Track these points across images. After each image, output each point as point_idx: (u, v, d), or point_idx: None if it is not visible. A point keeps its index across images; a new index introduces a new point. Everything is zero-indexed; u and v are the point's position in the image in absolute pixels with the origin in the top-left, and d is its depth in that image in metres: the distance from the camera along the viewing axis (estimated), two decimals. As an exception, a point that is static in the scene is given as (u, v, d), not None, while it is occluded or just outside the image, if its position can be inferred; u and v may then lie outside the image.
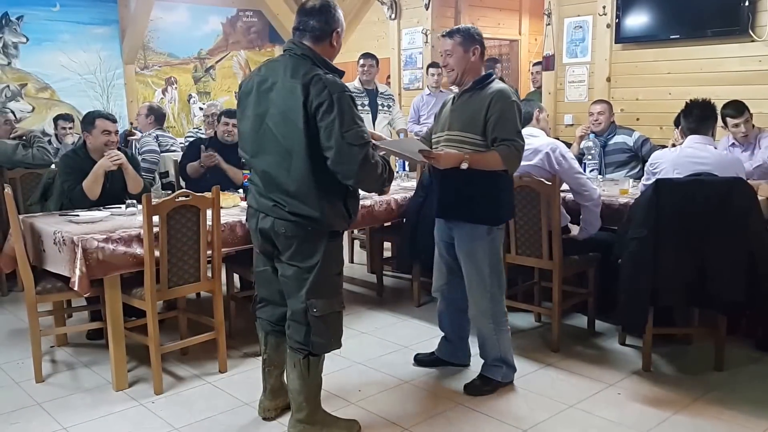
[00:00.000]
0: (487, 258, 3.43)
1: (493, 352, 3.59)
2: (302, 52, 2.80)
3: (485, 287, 3.47)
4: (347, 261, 6.21)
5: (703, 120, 3.86)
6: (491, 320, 3.51)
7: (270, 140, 2.81)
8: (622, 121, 5.82)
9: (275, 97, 2.79)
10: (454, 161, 3.23)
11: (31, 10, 8.21)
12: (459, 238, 3.49)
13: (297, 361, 2.99)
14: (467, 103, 3.39)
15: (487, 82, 3.38)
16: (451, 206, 3.46)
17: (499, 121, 3.26)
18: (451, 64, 3.39)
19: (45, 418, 3.39)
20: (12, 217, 3.70)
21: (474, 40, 3.38)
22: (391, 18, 8.64)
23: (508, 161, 3.26)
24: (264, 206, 2.90)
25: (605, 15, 6.26)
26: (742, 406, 3.37)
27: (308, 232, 2.83)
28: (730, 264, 3.48)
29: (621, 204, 4.22)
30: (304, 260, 2.87)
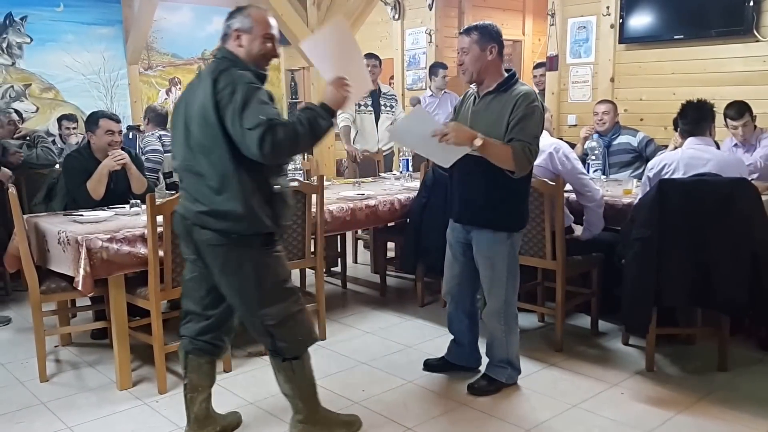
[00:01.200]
0: (506, 263, 3.42)
1: (500, 353, 3.58)
2: (222, 55, 2.81)
3: (502, 290, 3.46)
4: (351, 261, 6.21)
5: (698, 121, 3.86)
6: (503, 321, 3.50)
7: (194, 143, 2.72)
8: (626, 121, 5.82)
9: (193, 99, 2.73)
10: (468, 136, 3.11)
11: (35, 11, 8.24)
12: (478, 243, 3.46)
13: (278, 365, 2.93)
14: (491, 104, 3.32)
15: (511, 83, 3.32)
16: (472, 212, 3.42)
17: (519, 123, 3.20)
18: (466, 63, 3.32)
19: (49, 417, 3.40)
20: (16, 217, 3.71)
21: (491, 38, 3.30)
22: (394, 18, 8.64)
23: (518, 160, 3.17)
24: (190, 213, 2.79)
25: (609, 15, 6.26)
26: (745, 406, 3.37)
27: (232, 239, 2.73)
28: (734, 264, 3.48)
29: (625, 204, 4.22)
30: (236, 271, 2.78)
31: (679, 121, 3.95)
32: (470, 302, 3.69)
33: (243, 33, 2.80)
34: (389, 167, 6.63)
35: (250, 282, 2.79)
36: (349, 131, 6.46)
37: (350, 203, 4.59)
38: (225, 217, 2.71)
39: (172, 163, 2.97)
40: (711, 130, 3.93)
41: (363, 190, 4.97)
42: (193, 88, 2.77)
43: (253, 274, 2.79)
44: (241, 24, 2.81)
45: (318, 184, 4.20)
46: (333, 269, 5.95)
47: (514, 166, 3.19)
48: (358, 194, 4.79)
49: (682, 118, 3.92)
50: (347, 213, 4.54)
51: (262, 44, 2.82)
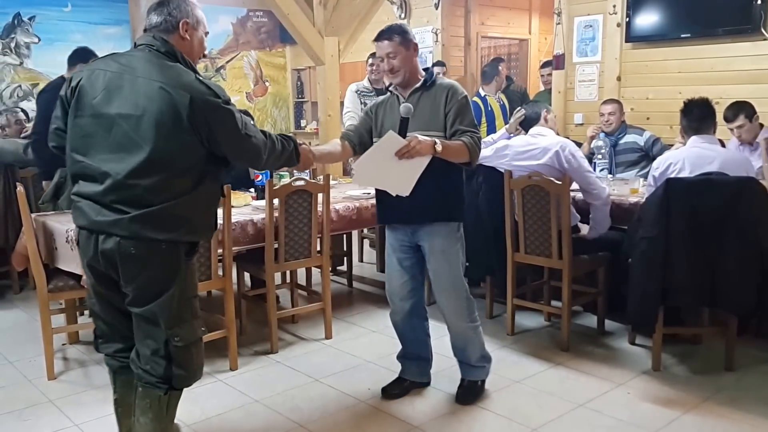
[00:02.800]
0: (459, 255, 3.37)
1: (475, 352, 3.52)
2: (166, 49, 2.55)
3: (462, 285, 3.39)
4: (356, 260, 6.22)
5: (703, 119, 3.85)
6: (468, 319, 3.43)
7: (126, 143, 2.43)
8: (633, 120, 5.80)
9: (136, 97, 2.44)
10: (428, 147, 3.01)
11: (43, 11, 8.27)
12: (431, 239, 3.32)
13: (155, 400, 2.61)
14: (420, 101, 3.28)
15: (433, 79, 3.32)
16: (424, 208, 3.28)
17: (458, 115, 3.21)
18: (397, 66, 3.24)
19: (57, 414, 3.42)
20: (24, 216, 3.72)
21: (411, 38, 3.29)
22: (400, 18, 8.63)
23: (473, 151, 3.18)
24: (104, 223, 2.45)
25: (615, 14, 6.25)
26: (752, 406, 3.36)
27: (162, 250, 2.49)
28: (741, 264, 3.47)
29: (631, 203, 4.22)
30: (159, 285, 2.51)
31: (683, 119, 3.94)
32: (422, 307, 3.56)
33: (190, 28, 2.62)
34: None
35: (168, 296, 2.53)
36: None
37: (356, 202, 4.60)
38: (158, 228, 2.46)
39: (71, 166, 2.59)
40: (714, 128, 3.91)
41: (369, 189, 4.96)
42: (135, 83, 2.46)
43: (175, 287, 2.55)
44: (189, 17, 2.61)
45: (324, 183, 4.21)
46: (339, 268, 5.96)
47: (470, 158, 3.20)
48: (364, 193, 4.79)
49: (685, 116, 3.91)
50: (353, 212, 4.55)
51: (202, 43, 2.70)
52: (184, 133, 2.44)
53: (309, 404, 3.48)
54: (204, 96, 2.46)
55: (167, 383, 2.59)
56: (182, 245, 2.56)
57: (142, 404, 2.63)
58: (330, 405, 3.46)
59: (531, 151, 4.18)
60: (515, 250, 4.25)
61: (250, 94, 10.59)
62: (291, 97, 11.02)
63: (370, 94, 6.51)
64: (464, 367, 3.57)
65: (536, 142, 4.21)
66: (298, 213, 4.11)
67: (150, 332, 2.56)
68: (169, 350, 2.56)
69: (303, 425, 3.26)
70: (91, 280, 2.63)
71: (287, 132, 10.86)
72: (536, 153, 4.16)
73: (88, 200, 2.49)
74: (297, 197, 4.08)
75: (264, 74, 10.72)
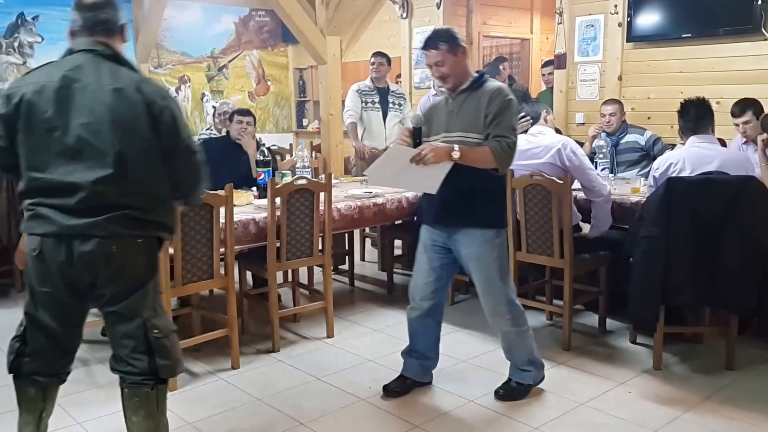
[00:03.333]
0: (497, 262, 3.34)
1: (520, 356, 3.51)
2: (110, 52, 2.53)
3: (499, 291, 3.37)
4: (358, 259, 6.23)
5: (701, 118, 3.85)
6: (511, 323, 3.41)
7: (89, 151, 2.40)
8: (634, 119, 5.81)
9: (91, 104, 2.41)
10: (444, 154, 3.07)
11: (46, 10, 8.28)
12: (466, 245, 3.32)
13: (143, 397, 2.59)
14: (465, 102, 3.29)
15: (482, 80, 3.31)
16: (456, 213, 3.31)
17: (495, 119, 3.18)
18: (446, 72, 3.26)
19: (59, 413, 3.40)
20: (28, 215, 3.73)
21: (457, 41, 3.28)
22: (402, 17, 8.65)
23: (499, 158, 3.13)
24: (79, 227, 2.40)
25: (617, 14, 6.25)
26: (753, 405, 3.37)
27: (141, 245, 2.51)
28: (742, 263, 3.48)
29: (632, 202, 4.22)
30: (138, 280, 2.53)
31: (681, 119, 3.93)
32: (441, 311, 3.58)
33: (125, 28, 2.65)
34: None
35: (147, 289, 2.56)
36: (355, 128, 6.49)
37: (358, 201, 4.61)
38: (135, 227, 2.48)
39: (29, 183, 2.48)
40: (713, 127, 3.92)
41: (371, 188, 4.98)
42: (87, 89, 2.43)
43: (152, 280, 2.59)
44: (122, 18, 2.62)
45: (326, 182, 4.22)
46: (340, 267, 5.97)
47: (496, 164, 3.16)
48: (366, 192, 4.81)
49: (682, 116, 3.90)
50: (355, 211, 4.55)
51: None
52: (144, 133, 2.45)
53: (310, 402, 3.49)
54: (156, 97, 2.48)
55: (152, 377, 2.58)
56: (156, 240, 2.59)
57: (132, 404, 2.62)
58: (331, 403, 3.48)
59: (532, 150, 4.19)
60: (517, 249, 4.26)
61: (252, 94, 10.60)
62: (293, 96, 11.04)
63: (371, 93, 6.53)
64: (512, 367, 3.58)
65: (537, 141, 4.22)
66: (300, 212, 4.12)
67: (127, 330, 2.55)
68: (149, 343, 2.55)
69: (304, 423, 3.27)
70: (53, 289, 2.51)
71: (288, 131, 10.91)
72: (538, 152, 4.17)
73: (53, 209, 2.42)
74: (299, 196, 4.09)
75: (266, 73, 10.73)
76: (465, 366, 3.91)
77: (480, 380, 3.72)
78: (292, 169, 5.23)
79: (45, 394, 2.72)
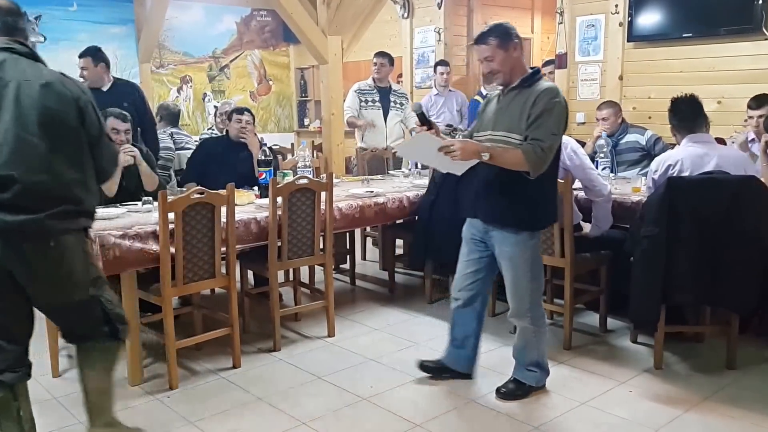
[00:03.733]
0: (529, 263, 3.35)
1: (531, 355, 3.52)
2: (28, 50, 2.64)
3: (526, 292, 3.39)
4: (359, 258, 6.23)
5: (696, 117, 3.86)
6: (530, 322, 3.43)
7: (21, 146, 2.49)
8: (634, 119, 5.81)
9: (21, 98, 2.49)
10: (473, 152, 3.12)
11: (48, 10, 8.30)
12: (500, 243, 3.36)
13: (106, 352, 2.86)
14: (514, 100, 3.28)
15: (535, 79, 3.28)
16: (491, 211, 3.36)
17: (536, 120, 3.16)
18: (496, 68, 3.25)
19: (62, 412, 3.44)
20: (30, 214, 3.74)
21: (510, 36, 3.25)
22: (403, 17, 8.66)
23: (531, 161, 3.11)
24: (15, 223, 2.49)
25: (617, 14, 6.26)
26: (753, 404, 3.37)
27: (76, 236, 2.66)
28: (743, 262, 3.49)
29: (633, 202, 4.22)
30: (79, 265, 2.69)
31: (674, 118, 3.91)
32: (481, 303, 3.62)
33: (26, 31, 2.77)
34: (398, 165, 6.65)
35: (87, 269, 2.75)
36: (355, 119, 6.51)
37: (359, 200, 4.61)
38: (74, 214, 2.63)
39: None
40: (707, 125, 3.91)
41: (372, 188, 4.99)
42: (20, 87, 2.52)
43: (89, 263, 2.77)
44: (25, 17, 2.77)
45: (327, 181, 4.23)
46: (342, 266, 5.98)
47: (527, 168, 3.15)
48: (367, 192, 4.81)
49: (676, 115, 3.89)
50: (356, 210, 4.56)
51: None
52: (74, 124, 2.59)
53: (311, 401, 3.50)
54: (80, 92, 2.63)
55: (114, 332, 2.84)
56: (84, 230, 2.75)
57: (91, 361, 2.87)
58: (332, 402, 3.48)
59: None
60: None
61: (254, 93, 10.62)
62: (294, 95, 11.05)
63: (371, 92, 6.56)
64: (516, 366, 3.59)
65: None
66: (301, 211, 4.13)
67: (83, 313, 2.77)
68: (106, 314, 2.80)
69: (305, 422, 3.28)
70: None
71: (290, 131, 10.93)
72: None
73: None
74: (300, 195, 4.10)
75: (267, 73, 10.75)
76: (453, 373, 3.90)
77: (481, 379, 3.72)
78: (294, 168, 5.24)
79: (14, 392, 2.79)
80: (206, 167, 4.96)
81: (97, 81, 5.26)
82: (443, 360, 3.75)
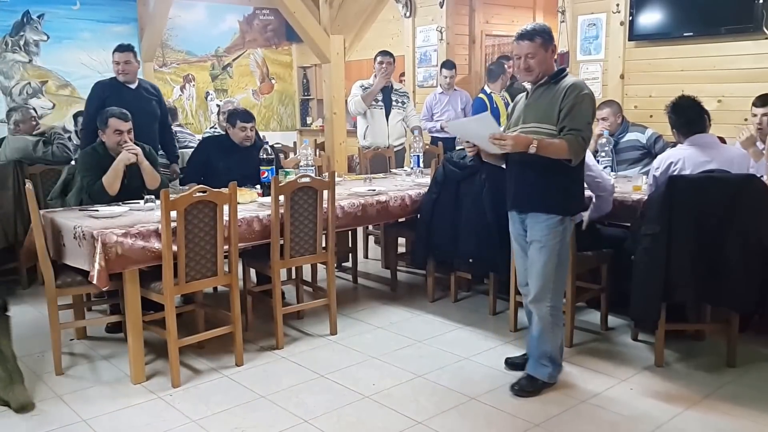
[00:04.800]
0: (556, 249, 3.43)
1: (544, 347, 3.55)
2: None
3: (549, 277, 3.46)
4: (361, 256, 6.25)
5: (698, 118, 3.87)
6: (550, 311, 3.50)
7: None
8: (635, 118, 5.82)
9: None
10: (523, 145, 3.25)
11: (52, 9, 8.32)
12: (531, 226, 3.49)
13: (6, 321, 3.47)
14: (542, 96, 3.42)
15: (561, 75, 3.42)
16: (525, 197, 3.48)
17: (570, 112, 3.29)
18: (533, 66, 3.39)
19: (64, 409, 3.46)
20: (33, 212, 3.76)
21: (551, 38, 3.42)
22: (405, 16, 8.67)
23: (573, 151, 3.26)
24: None
25: (619, 13, 6.26)
26: (753, 402, 3.38)
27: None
28: (744, 261, 3.49)
29: (634, 200, 4.23)
30: None
31: (675, 120, 3.93)
32: None
33: None
34: (400, 163, 6.67)
35: None
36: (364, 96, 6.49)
37: (361, 199, 4.63)
38: None
39: None
40: (708, 124, 3.93)
41: (374, 186, 5.00)
42: None
43: None
44: None
45: (329, 180, 4.24)
46: (344, 264, 5.99)
47: (570, 156, 3.28)
48: (369, 190, 4.82)
49: (678, 117, 3.91)
50: (358, 209, 4.57)
51: None
52: None
53: (314, 399, 3.51)
54: None
55: None
56: None
57: None
58: (335, 400, 3.49)
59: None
60: (519, 247, 4.27)
61: (257, 92, 10.64)
62: (297, 94, 11.07)
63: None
64: (530, 361, 3.63)
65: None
66: (304, 210, 4.14)
67: None
68: None
69: (307, 420, 3.29)
70: None
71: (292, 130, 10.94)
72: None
73: None
74: (302, 194, 4.11)
75: (270, 72, 10.76)
76: (467, 363, 3.93)
77: (482, 377, 3.74)
78: (296, 167, 5.25)
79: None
80: (208, 166, 4.96)
81: (133, 77, 5.42)
82: (528, 352, 3.77)
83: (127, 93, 5.33)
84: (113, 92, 5.27)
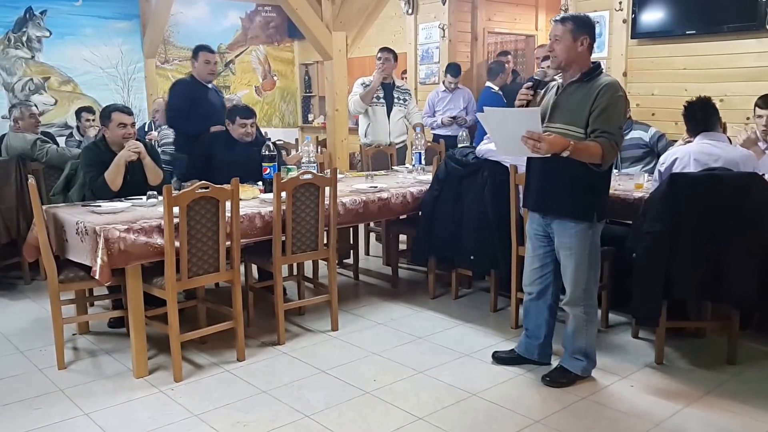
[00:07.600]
0: (587, 253, 3.41)
1: (578, 343, 3.57)
2: None
3: (583, 279, 3.45)
4: (363, 253, 6.26)
5: (708, 118, 3.88)
6: (583, 311, 3.51)
7: None
8: (638, 116, 5.82)
9: None
10: (559, 147, 3.12)
11: (54, 5, 8.34)
12: (560, 234, 3.45)
13: None
14: (573, 94, 3.32)
15: (595, 74, 3.31)
16: (552, 202, 3.42)
17: (602, 114, 3.19)
18: (557, 51, 3.30)
19: (67, 404, 3.47)
20: (35, 208, 3.77)
21: (585, 30, 3.29)
22: (408, 13, 8.67)
23: (607, 155, 3.19)
24: None
25: (621, 10, 6.27)
26: (754, 399, 3.39)
27: None
28: (745, 259, 3.50)
29: (636, 198, 4.23)
30: None
31: (688, 122, 3.96)
32: (552, 295, 3.68)
33: None
34: (402, 160, 6.67)
35: None
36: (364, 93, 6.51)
37: (363, 196, 4.63)
38: None
39: None
40: (721, 125, 3.94)
41: (376, 183, 5.00)
42: None
43: None
44: None
45: (331, 176, 4.25)
46: (345, 261, 6.00)
47: (602, 160, 3.20)
48: (371, 187, 4.83)
49: (690, 119, 3.94)
50: (360, 205, 4.58)
51: None
52: None
53: (315, 395, 3.52)
54: None
55: None
56: None
57: None
58: (336, 396, 3.50)
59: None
60: (520, 244, 4.28)
61: (259, 89, 10.65)
62: (299, 91, 11.08)
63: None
64: (564, 355, 3.65)
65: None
66: (306, 206, 4.15)
67: None
68: None
69: (309, 415, 3.30)
70: None
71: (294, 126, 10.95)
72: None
73: None
74: (304, 190, 4.12)
75: (272, 69, 10.77)
76: (468, 360, 3.94)
77: (483, 374, 3.75)
78: (298, 163, 5.26)
79: None
80: (210, 162, 4.96)
81: (215, 77, 5.83)
82: (516, 350, 3.86)
83: (209, 92, 5.66)
84: (199, 91, 5.59)
